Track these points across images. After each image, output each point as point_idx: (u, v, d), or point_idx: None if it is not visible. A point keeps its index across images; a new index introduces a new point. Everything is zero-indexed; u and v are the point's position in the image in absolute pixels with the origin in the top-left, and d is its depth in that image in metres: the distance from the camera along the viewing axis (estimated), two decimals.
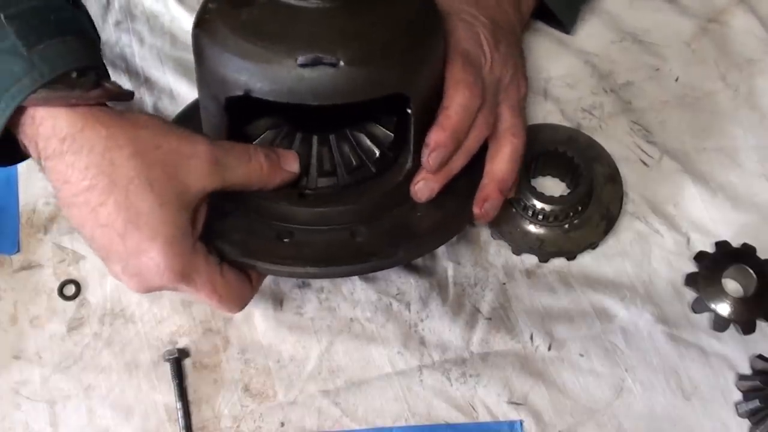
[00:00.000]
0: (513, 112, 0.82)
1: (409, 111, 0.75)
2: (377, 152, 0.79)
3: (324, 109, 0.72)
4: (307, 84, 0.69)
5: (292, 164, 0.77)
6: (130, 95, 0.75)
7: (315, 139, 0.80)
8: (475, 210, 0.80)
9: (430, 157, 0.75)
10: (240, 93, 0.72)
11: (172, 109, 1.00)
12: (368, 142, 0.80)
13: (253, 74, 0.70)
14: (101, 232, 0.67)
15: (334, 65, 0.69)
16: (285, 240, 0.78)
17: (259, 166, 0.74)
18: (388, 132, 0.80)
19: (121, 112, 0.70)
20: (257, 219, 0.80)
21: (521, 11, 0.93)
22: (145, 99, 1.01)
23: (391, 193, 0.79)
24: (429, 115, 0.78)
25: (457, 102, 0.76)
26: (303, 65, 0.69)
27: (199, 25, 0.76)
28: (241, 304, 0.76)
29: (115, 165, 0.66)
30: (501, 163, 0.80)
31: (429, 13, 0.77)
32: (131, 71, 1.03)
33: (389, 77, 0.71)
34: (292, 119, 0.82)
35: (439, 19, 0.79)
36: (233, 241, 0.78)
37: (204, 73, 0.77)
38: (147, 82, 1.03)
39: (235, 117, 0.77)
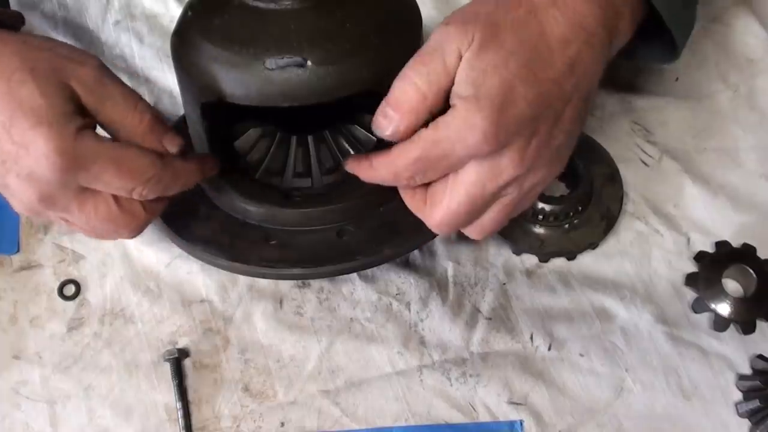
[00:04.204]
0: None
1: None
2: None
3: (302, 110, 0.72)
4: (277, 86, 0.70)
5: (170, 144, 0.73)
6: (19, 18, 0.76)
7: (294, 140, 0.80)
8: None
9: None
10: (214, 99, 0.72)
11: (172, 109, 1.00)
12: (346, 145, 0.80)
13: (225, 79, 0.71)
14: None
15: (302, 66, 0.69)
16: (272, 242, 0.78)
17: (139, 118, 0.72)
18: (371, 135, 0.80)
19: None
20: (244, 222, 0.80)
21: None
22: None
23: (377, 191, 0.79)
24: None
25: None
26: (271, 68, 0.69)
27: (177, 32, 0.76)
28: (152, 172, 0.71)
29: None
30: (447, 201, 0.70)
31: (404, 9, 0.77)
32: (131, 71, 1.03)
33: (360, 75, 0.71)
34: (276, 121, 0.82)
35: (416, 14, 0.78)
36: (221, 244, 0.78)
37: (181, 79, 0.77)
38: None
39: (216, 122, 0.77)
